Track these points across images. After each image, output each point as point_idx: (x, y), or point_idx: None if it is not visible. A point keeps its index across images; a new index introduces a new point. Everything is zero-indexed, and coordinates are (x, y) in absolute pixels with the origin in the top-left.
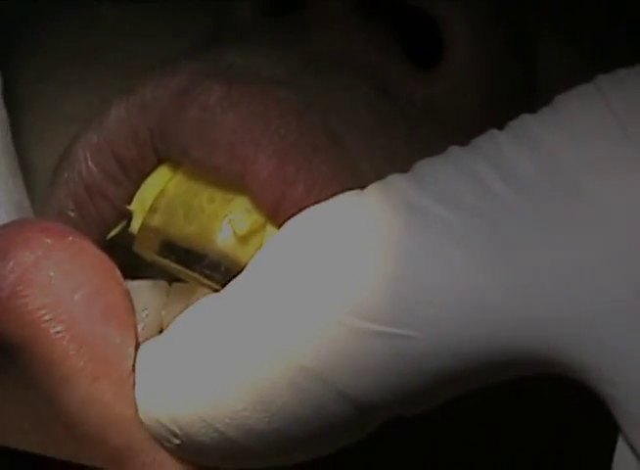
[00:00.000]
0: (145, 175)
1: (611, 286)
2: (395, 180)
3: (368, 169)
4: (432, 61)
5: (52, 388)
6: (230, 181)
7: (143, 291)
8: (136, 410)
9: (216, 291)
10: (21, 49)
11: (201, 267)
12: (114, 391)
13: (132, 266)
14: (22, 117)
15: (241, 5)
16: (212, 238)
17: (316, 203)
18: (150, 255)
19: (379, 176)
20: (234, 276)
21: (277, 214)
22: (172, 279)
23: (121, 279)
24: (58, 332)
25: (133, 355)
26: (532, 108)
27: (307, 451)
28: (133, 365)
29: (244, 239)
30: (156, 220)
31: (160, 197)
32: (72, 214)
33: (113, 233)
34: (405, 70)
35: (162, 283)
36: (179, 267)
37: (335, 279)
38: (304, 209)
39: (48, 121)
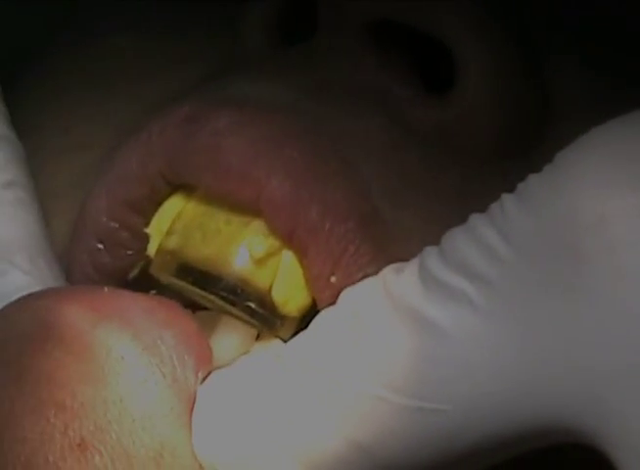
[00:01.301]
0: (158, 207)
1: (608, 352)
2: (428, 254)
3: (381, 194)
4: (444, 87)
5: (106, 370)
6: (245, 207)
7: None
8: (189, 415)
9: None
10: (34, 72)
11: (217, 290)
12: (169, 384)
13: None
14: (31, 144)
15: (252, 36)
16: (229, 261)
17: (330, 228)
18: (166, 277)
19: (391, 201)
20: (249, 300)
21: (292, 239)
22: (196, 309)
23: (190, 314)
24: (116, 320)
25: (194, 369)
26: (547, 132)
27: None
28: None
29: (260, 262)
30: (173, 243)
31: (177, 220)
32: (89, 270)
33: (132, 274)
34: (417, 95)
35: (187, 312)
36: (195, 290)
37: (379, 358)
38: (318, 233)
39: (57, 150)
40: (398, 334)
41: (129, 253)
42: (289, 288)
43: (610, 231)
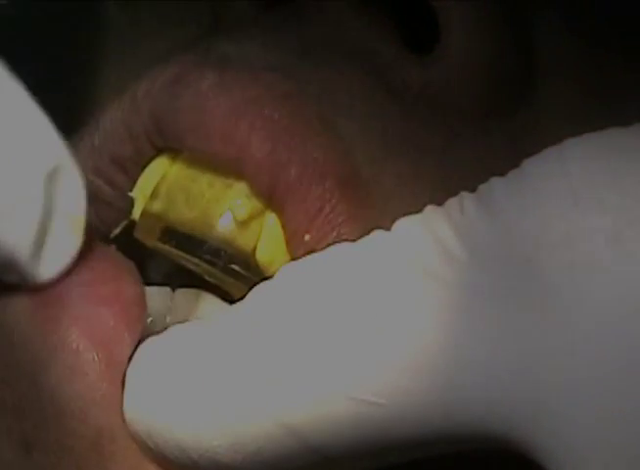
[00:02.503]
0: (144, 169)
1: (556, 368)
2: (378, 238)
3: (362, 155)
4: (428, 46)
5: (39, 360)
6: (227, 168)
7: (147, 297)
8: (121, 398)
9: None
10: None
11: (201, 253)
12: (102, 370)
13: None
14: None
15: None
16: (212, 223)
17: (307, 187)
18: (151, 241)
19: (372, 161)
20: (233, 262)
21: (272, 199)
22: (176, 285)
23: (139, 279)
24: (56, 304)
25: (130, 345)
26: (533, 93)
27: None
28: (130, 356)
29: (244, 224)
30: (156, 206)
31: (160, 183)
32: None
33: (115, 233)
34: (401, 55)
35: (166, 289)
36: (180, 253)
37: (313, 342)
38: (295, 192)
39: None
40: (337, 319)
41: (113, 211)
42: (273, 250)
43: (572, 251)
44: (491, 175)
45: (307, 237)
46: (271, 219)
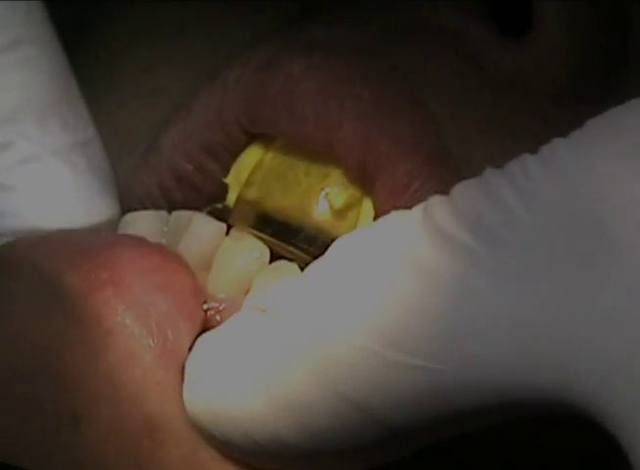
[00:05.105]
0: (236, 156)
1: (626, 334)
2: (435, 203)
3: (452, 134)
4: (521, 29)
5: (94, 341)
6: (320, 151)
7: (143, 220)
8: (180, 385)
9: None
10: (114, 13)
11: (296, 241)
12: (157, 356)
13: None
14: (110, 83)
15: None
16: (309, 212)
17: (396, 163)
18: (245, 228)
19: (463, 141)
20: None
21: (364, 177)
22: (172, 209)
23: (192, 273)
24: (110, 288)
25: (187, 334)
26: (627, 79)
27: (341, 468)
28: (190, 347)
29: (340, 213)
30: (252, 194)
31: (255, 170)
32: (157, 200)
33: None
34: (493, 37)
35: (162, 213)
36: (275, 241)
37: (370, 310)
38: (388, 169)
39: (136, 90)
40: (396, 286)
41: (202, 197)
42: None
43: None
44: None
45: None
46: (368, 208)
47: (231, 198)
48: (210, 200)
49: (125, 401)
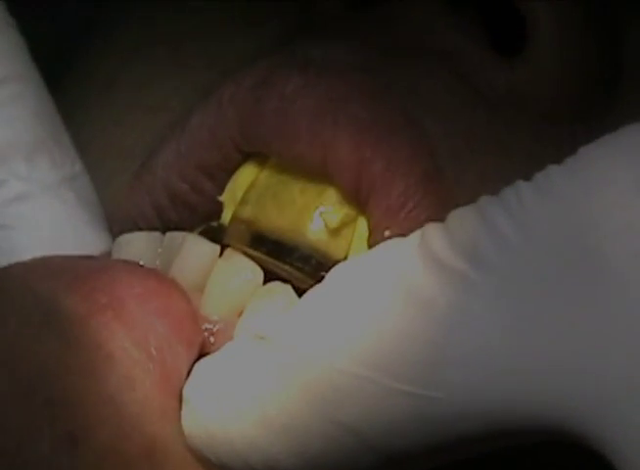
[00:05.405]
0: (231, 174)
1: (623, 360)
2: (431, 231)
3: (446, 153)
4: (515, 48)
5: (94, 365)
6: (315, 170)
7: (137, 242)
8: (179, 409)
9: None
10: (108, 29)
11: (291, 260)
12: (157, 380)
13: None
14: (105, 99)
15: (324, 0)
16: (303, 231)
17: (390, 182)
18: (240, 247)
19: (456, 160)
20: (324, 270)
21: (357, 197)
22: (166, 228)
23: (189, 298)
24: (109, 312)
25: (185, 358)
26: (621, 97)
27: None
28: (189, 372)
29: (335, 232)
30: (247, 212)
31: (250, 189)
32: (151, 219)
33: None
34: (487, 56)
35: (156, 234)
36: (269, 259)
37: (365, 337)
38: (378, 187)
39: (130, 107)
40: (391, 313)
41: (197, 216)
42: None
43: (638, 240)
44: None
45: (387, 232)
46: (363, 227)
47: (226, 216)
48: (205, 219)
49: (125, 424)
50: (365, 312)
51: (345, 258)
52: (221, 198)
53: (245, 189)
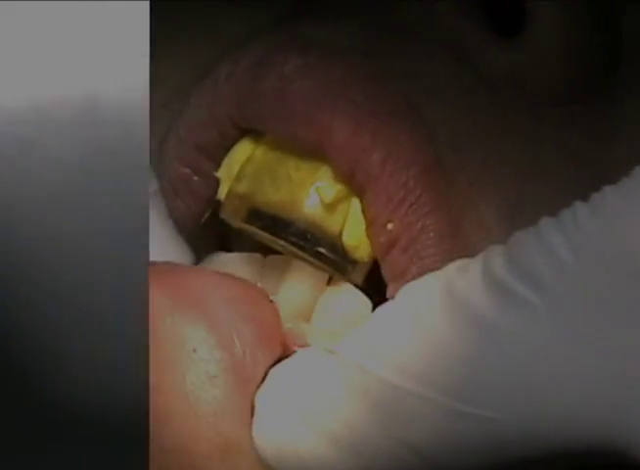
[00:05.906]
0: (228, 151)
1: None
2: (493, 254)
3: (446, 139)
4: (515, 30)
5: (179, 358)
6: (311, 150)
7: (239, 263)
8: (251, 414)
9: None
10: None
11: (287, 235)
12: (236, 382)
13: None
14: None
15: None
16: (299, 206)
17: (390, 174)
18: (236, 222)
19: (456, 146)
20: (319, 245)
21: (352, 182)
22: (267, 252)
23: (276, 309)
24: (195, 309)
25: (264, 364)
26: (621, 79)
27: None
28: (264, 376)
29: (330, 207)
30: (242, 187)
31: (246, 164)
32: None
33: (203, 219)
34: (487, 37)
35: (257, 255)
36: (265, 234)
37: (432, 360)
38: (377, 178)
39: None
40: (455, 336)
41: (201, 199)
42: (359, 233)
43: None
44: (575, 161)
45: (390, 226)
46: (358, 202)
47: (222, 191)
48: (207, 203)
49: (201, 422)
50: (430, 335)
51: (341, 232)
52: (217, 173)
53: (241, 165)
